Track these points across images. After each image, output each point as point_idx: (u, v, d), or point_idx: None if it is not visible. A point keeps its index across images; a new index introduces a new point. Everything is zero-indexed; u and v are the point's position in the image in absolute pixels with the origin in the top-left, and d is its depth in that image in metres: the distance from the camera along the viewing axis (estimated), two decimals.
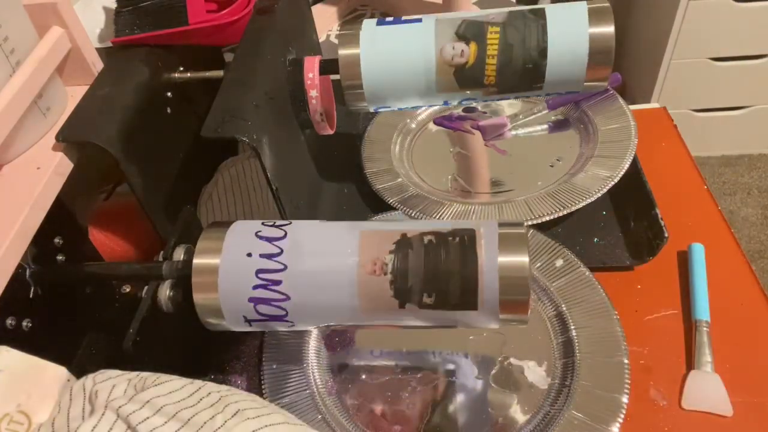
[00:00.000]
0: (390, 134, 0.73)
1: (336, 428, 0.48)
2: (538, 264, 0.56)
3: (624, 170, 0.60)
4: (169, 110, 0.58)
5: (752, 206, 1.55)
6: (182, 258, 0.44)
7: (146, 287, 0.43)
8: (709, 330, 0.51)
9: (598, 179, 0.60)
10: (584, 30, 0.52)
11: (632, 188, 0.61)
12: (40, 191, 0.44)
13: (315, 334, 0.54)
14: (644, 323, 0.54)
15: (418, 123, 0.75)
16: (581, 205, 0.58)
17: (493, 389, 0.50)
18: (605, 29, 0.52)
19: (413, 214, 0.61)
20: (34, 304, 0.47)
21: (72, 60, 0.50)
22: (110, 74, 0.53)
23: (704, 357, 0.50)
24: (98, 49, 0.54)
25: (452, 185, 0.67)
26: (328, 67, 0.58)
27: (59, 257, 0.50)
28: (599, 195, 0.58)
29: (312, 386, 0.51)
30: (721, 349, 0.50)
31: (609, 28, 0.52)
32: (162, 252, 0.45)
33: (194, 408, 0.34)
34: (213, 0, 0.59)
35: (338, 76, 0.56)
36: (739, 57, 1.44)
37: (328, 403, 0.50)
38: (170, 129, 0.58)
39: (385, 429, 0.48)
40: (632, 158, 0.61)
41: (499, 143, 0.71)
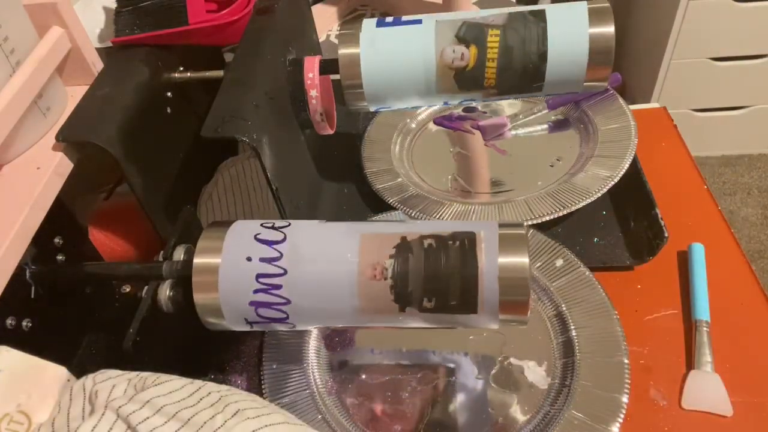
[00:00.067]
0: (390, 134, 0.73)
1: (336, 428, 0.48)
2: (538, 264, 0.56)
3: (624, 170, 0.60)
4: (169, 110, 0.58)
5: (752, 206, 1.55)
6: (182, 258, 0.44)
7: (146, 287, 0.43)
8: (709, 330, 0.51)
9: (598, 179, 0.60)
10: (584, 30, 0.52)
11: (632, 188, 0.61)
12: (40, 191, 0.44)
13: (315, 334, 0.54)
14: (644, 323, 0.54)
15: (418, 123, 0.75)
16: (581, 205, 0.58)
17: (493, 389, 0.50)
18: (605, 29, 0.52)
19: (413, 214, 0.61)
20: (34, 304, 0.47)
21: (72, 60, 0.50)
22: (110, 74, 0.53)
23: (704, 357, 0.50)
24: (98, 49, 0.54)
25: (452, 185, 0.67)
26: (328, 67, 0.58)
27: (59, 257, 0.50)
28: (599, 195, 0.58)
29: (312, 386, 0.51)
30: (721, 349, 0.50)
31: (609, 28, 0.52)
32: (162, 252, 0.45)
33: (194, 408, 0.34)
34: (213, 0, 0.59)
35: (338, 76, 0.56)
36: (739, 57, 1.44)
37: (328, 403, 0.50)
38: (170, 129, 0.58)
39: (385, 429, 0.48)
40: (632, 158, 0.61)
41: (499, 143, 0.71)
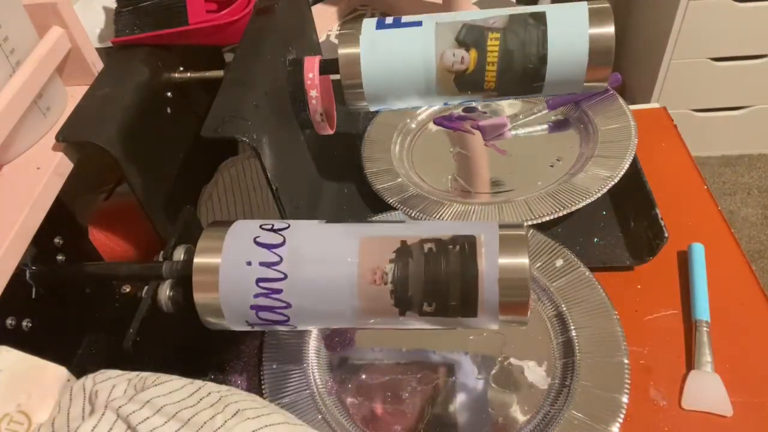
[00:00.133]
0: (390, 134, 0.73)
1: (336, 428, 0.48)
2: (538, 264, 0.56)
3: (624, 170, 0.60)
4: (169, 110, 0.58)
5: (752, 206, 1.55)
6: (182, 258, 0.44)
7: (146, 287, 0.43)
8: (709, 330, 0.51)
9: (598, 179, 0.60)
10: (584, 30, 0.52)
11: (632, 188, 0.61)
12: (40, 191, 0.44)
13: (315, 334, 0.54)
14: (644, 323, 0.54)
15: (418, 123, 0.75)
16: (581, 205, 0.58)
17: (493, 389, 0.50)
18: (605, 30, 0.52)
19: (413, 214, 0.61)
20: (34, 304, 0.47)
21: (72, 60, 0.50)
22: (110, 74, 0.53)
23: (704, 357, 0.50)
24: (98, 49, 0.54)
25: (452, 185, 0.67)
26: (328, 67, 0.58)
27: (59, 257, 0.50)
28: (599, 195, 0.58)
29: (312, 386, 0.51)
30: (721, 349, 0.50)
31: (609, 29, 0.52)
32: (162, 252, 0.45)
33: (194, 408, 0.34)
34: (213, 0, 0.59)
35: (338, 76, 0.56)
36: (739, 57, 1.44)
37: (328, 403, 0.50)
38: (170, 129, 0.58)
39: (385, 429, 0.48)
40: (632, 158, 0.61)
41: (499, 143, 0.71)
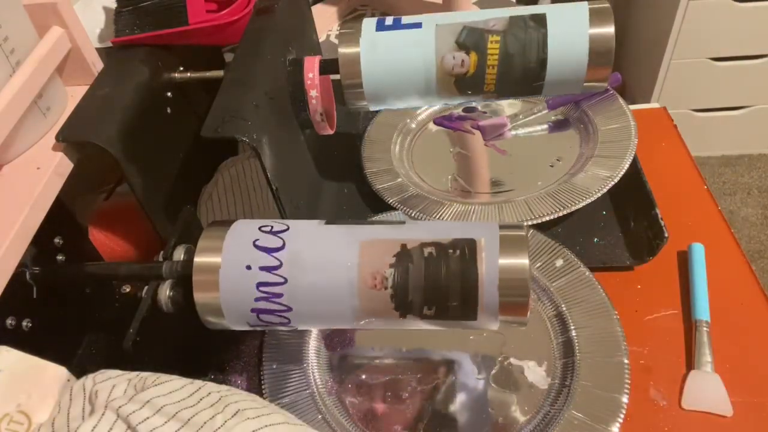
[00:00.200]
0: (390, 134, 0.73)
1: (336, 428, 0.48)
2: (538, 264, 0.56)
3: (624, 170, 0.60)
4: (169, 110, 0.58)
5: (752, 206, 1.55)
6: (182, 258, 0.44)
7: (146, 287, 0.43)
8: (709, 330, 0.51)
9: (598, 179, 0.60)
10: (584, 31, 0.52)
11: (632, 188, 0.61)
12: (40, 191, 0.44)
13: (315, 334, 0.54)
14: (644, 323, 0.54)
15: (418, 123, 0.75)
16: (581, 205, 0.58)
17: (493, 389, 0.50)
18: (605, 30, 0.52)
19: (413, 214, 0.61)
20: (34, 304, 0.47)
21: (72, 60, 0.50)
22: (110, 74, 0.53)
23: (704, 357, 0.50)
24: (98, 49, 0.54)
25: (452, 185, 0.67)
26: (328, 67, 0.58)
27: (59, 257, 0.50)
28: (599, 195, 0.58)
29: (312, 386, 0.51)
30: (721, 349, 0.50)
31: (609, 29, 0.52)
32: (162, 252, 0.45)
33: (194, 408, 0.34)
34: (213, 0, 0.59)
35: (338, 76, 0.56)
36: (739, 57, 1.44)
37: (328, 403, 0.50)
38: (170, 129, 0.58)
39: (385, 429, 0.48)
40: (632, 158, 0.61)
41: (499, 143, 0.71)
